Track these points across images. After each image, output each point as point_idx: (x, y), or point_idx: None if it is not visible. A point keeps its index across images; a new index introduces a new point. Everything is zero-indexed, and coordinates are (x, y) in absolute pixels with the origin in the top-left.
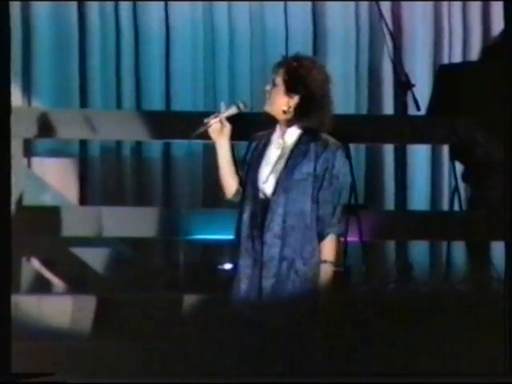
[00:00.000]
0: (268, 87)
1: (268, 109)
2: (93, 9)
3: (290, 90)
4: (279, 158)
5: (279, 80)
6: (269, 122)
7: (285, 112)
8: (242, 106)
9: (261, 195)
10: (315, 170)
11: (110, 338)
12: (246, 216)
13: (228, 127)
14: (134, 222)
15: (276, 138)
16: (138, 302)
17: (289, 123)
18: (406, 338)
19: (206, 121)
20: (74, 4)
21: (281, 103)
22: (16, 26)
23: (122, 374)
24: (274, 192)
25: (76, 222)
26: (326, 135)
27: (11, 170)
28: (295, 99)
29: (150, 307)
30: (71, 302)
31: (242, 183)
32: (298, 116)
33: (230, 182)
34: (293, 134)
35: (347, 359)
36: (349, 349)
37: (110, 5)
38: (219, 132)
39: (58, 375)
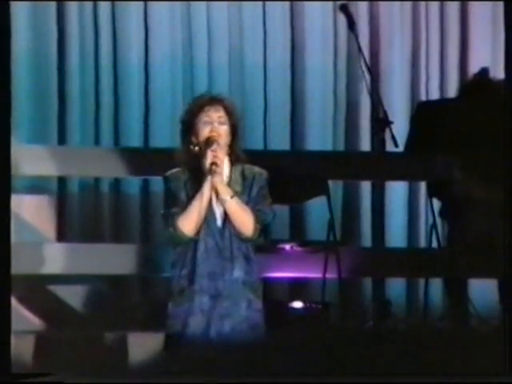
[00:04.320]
0: (216, 124)
1: (222, 148)
2: (72, 44)
3: (233, 127)
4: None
5: (224, 118)
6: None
7: (228, 147)
8: None
9: (213, 228)
10: (249, 196)
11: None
12: (201, 251)
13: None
14: (112, 258)
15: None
16: (115, 339)
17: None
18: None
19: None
20: (54, 39)
21: (227, 140)
22: None
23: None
24: (224, 223)
25: (53, 258)
26: (250, 165)
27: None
28: (231, 135)
29: (129, 344)
30: (50, 340)
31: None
32: (232, 150)
33: (200, 220)
34: (225, 166)
35: None
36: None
37: (89, 40)
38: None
39: (58, 375)
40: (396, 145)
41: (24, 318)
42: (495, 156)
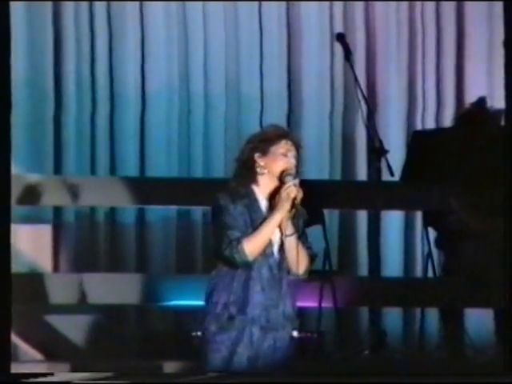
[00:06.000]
0: (292, 160)
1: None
2: (69, 74)
3: (297, 159)
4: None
5: (297, 157)
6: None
7: None
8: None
9: (270, 259)
10: (298, 229)
11: None
12: (255, 281)
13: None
14: (109, 288)
15: (262, 198)
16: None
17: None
18: None
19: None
20: (50, 66)
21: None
22: None
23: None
24: (281, 256)
25: (50, 289)
26: None
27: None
28: None
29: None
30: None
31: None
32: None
33: (264, 247)
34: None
35: None
36: None
37: (85, 68)
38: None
39: (58, 375)
40: (392, 174)
41: (21, 348)
42: (492, 186)
